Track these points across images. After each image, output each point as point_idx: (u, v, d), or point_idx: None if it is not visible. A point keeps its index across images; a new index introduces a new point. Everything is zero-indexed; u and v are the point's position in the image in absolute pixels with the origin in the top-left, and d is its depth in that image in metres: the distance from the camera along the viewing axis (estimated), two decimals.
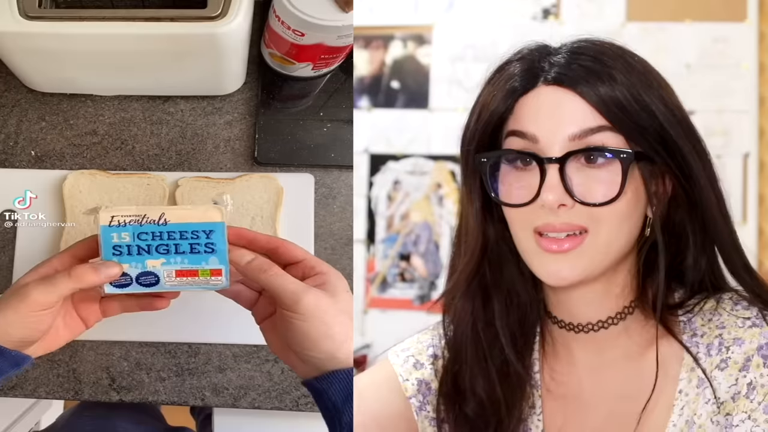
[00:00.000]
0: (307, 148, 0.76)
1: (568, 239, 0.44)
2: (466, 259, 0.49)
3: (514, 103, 0.46)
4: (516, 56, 0.47)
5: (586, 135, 0.43)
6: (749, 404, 0.42)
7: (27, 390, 0.70)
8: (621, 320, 0.48)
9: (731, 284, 0.47)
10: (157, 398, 0.71)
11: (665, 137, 0.44)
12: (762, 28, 1.12)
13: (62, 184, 0.73)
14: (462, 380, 0.50)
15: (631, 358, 0.48)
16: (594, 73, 0.43)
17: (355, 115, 1.16)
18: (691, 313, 0.47)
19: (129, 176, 0.74)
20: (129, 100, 0.79)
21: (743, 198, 1.10)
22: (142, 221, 0.52)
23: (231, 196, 0.73)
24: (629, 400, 0.47)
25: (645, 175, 0.44)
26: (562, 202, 0.43)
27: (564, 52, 0.45)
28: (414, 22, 1.19)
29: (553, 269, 0.44)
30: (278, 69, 0.78)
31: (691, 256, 0.47)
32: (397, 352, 0.54)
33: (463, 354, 0.50)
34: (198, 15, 0.63)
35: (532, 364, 0.51)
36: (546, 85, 0.45)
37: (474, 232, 0.48)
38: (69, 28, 0.63)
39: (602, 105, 0.43)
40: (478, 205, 0.48)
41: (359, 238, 1.17)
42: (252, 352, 0.72)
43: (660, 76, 0.46)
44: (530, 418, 0.50)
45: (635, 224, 0.45)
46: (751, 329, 0.44)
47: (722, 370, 0.44)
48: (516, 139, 0.45)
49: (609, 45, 0.46)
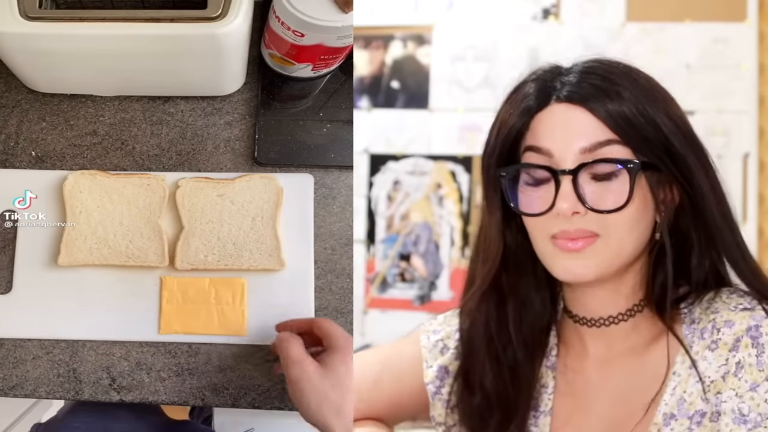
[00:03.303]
0: (307, 148, 0.76)
1: (581, 239, 0.47)
2: (488, 266, 0.52)
3: (530, 120, 0.50)
4: (531, 77, 0.51)
5: (596, 148, 0.47)
6: (737, 382, 0.45)
7: (27, 390, 0.71)
8: (631, 317, 0.51)
9: (735, 282, 0.50)
10: (157, 398, 0.71)
11: (670, 148, 0.47)
12: (762, 28, 1.12)
13: (62, 185, 0.73)
14: (473, 376, 0.54)
15: (638, 352, 0.51)
16: (602, 91, 0.47)
17: (355, 115, 1.16)
18: (692, 305, 0.50)
19: (129, 177, 0.74)
20: (129, 101, 0.79)
21: (743, 198, 1.10)
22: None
23: (231, 196, 0.74)
24: (634, 391, 0.50)
25: (652, 183, 0.48)
26: (575, 210, 0.47)
27: (575, 72, 0.49)
28: (414, 22, 1.19)
29: (569, 267, 0.48)
30: (278, 69, 0.78)
31: (695, 257, 0.50)
32: (429, 333, 0.58)
33: (476, 353, 0.54)
34: (198, 16, 0.63)
35: (547, 362, 0.54)
36: (558, 102, 0.49)
37: (495, 240, 0.52)
38: (69, 28, 0.64)
39: (610, 120, 0.47)
40: (499, 216, 0.52)
41: (359, 238, 1.17)
42: (252, 352, 0.72)
43: (665, 91, 0.50)
44: (540, 410, 0.54)
45: (644, 230, 0.49)
46: (742, 312, 0.47)
47: (712, 351, 0.47)
48: (533, 154, 0.49)
49: (617, 64, 0.50)
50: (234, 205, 0.73)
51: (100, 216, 0.73)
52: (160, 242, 0.72)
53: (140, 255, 0.72)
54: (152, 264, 0.71)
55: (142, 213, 0.73)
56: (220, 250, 0.72)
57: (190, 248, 0.72)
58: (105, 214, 0.73)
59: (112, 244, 0.72)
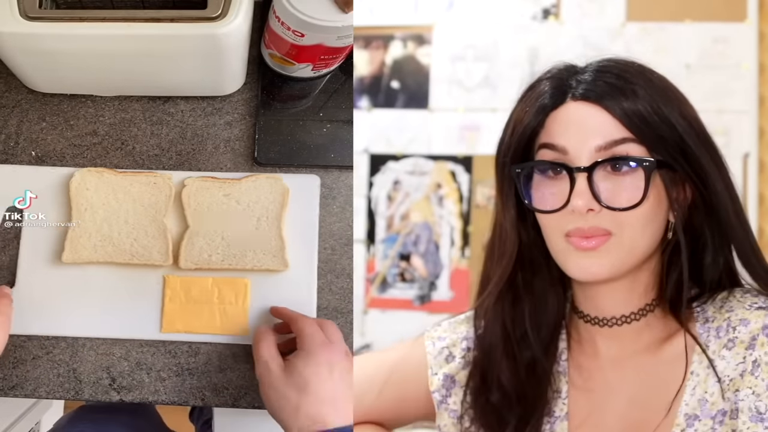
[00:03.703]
0: (307, 148, 0.76)
1: (595, 237, 0.47)
2: (504, 263, 0.52)
3: (545, 118, 0.50)
4: (546, 75, 0.51)
5: (612, 146, 0.47)
6: (754, 380, 0.46)
7: (27, 390, 0.71)
8: (643, 316, 0.51)
9: (747, 281, 0.50)
10: (157, 398, 0.71)
11: (684, 147, 0.47)
12: (762, 28, 1.12)
13: (69, 182, 0.73)
14: (491, 375, 0.54)
15: (651, 351, 0.51)
16: (618, 89, 0.47)
17: (355, 115, 1.16)
18: (705, 304, 0.50)
19: (136, 175, 0.74)
20: (129, 101, 0.79)
21: (743, 198, 1.10)
22: None
23: (237, 196, 0.74)
24: (650, 390, 0.50)
25: (666, 182, 0.48)
26: (590, 207, 0.47)
27: (590, 71, 0.49)
28: (414, 22, 1.19)
29: (583, 265, 0.48)
30: (278, 69, 0.78)
31: (709, 256, 0.50)
32: (434, 340, 0.58)
33: (493, 351, 0.54)
34: (198, 16, 0.63)
35: (559, 360, 0.55)
36: (574, 100, 0.49)
37: (510, 237, 0.52)
38: (69, 28, 0.63)
39: (626, 118, 0.47)
40: (513, 213, 0.52)
41: (359, 238, 1.17)
42: (252, 353, 0.72)
43: (678, 91, 0.50)
44: (556, 408, 0.54)
45: (658, 228, 0.49)
46: (757, 311, 0.47)
47: (729, 350, 0.47)
48: (547, 151, 0.49)
49: (631, 63, 0.50)
50: (240, 205, 0.73)
51: (105, 213, 0.73)
52: (164, 241, 0.72)
53: (144, 253, 0.72)
54: (156, 263, 0.71)
55: (147, 211, 0.73)
56: (224, 249, 0.72)
57: (194, 247, 0.72)
58: (110, 212, 0.73)
59: (116, 242, 0.72)
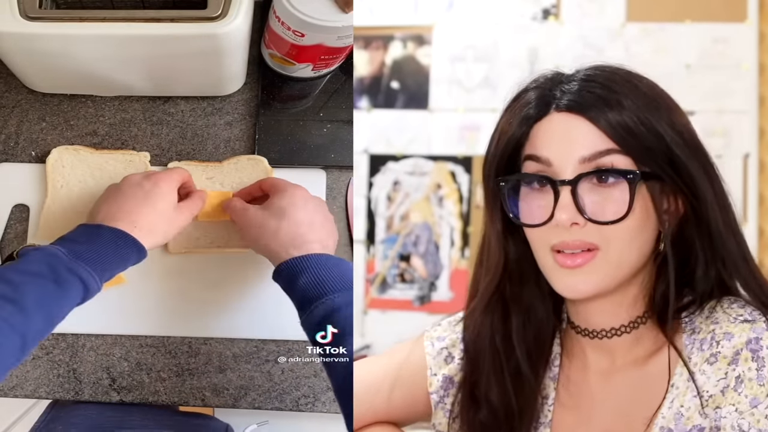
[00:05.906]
0: (307, 148, 0.76)
1: (581, 255, 0.46)
2: (489, 277, 0.52)
3: (530, 129, 0.49)
4: (531, 84, 0.50)
5: (596, 158, 0.46)
6: (737, 397, 0.44)
7: (27, 390, 0.71)
8: (634, 329, 0.50)
9: (741, 293, 0.49)
10: (157, 398, 0.71)
11: (672, 158, 0.46)
12: (762, 28, 1.12)
13: (46, 159, 0.73)
14: (478, 390, 0.53)
15: (639, 364, 0.50)
16: (603, 100, 0.46)
17: (355, 116, 1.16)
18: (693, 314, 0.49)
19: (112, 153, 0.75)
20: (129, 101, 0.79)
21: (743, 198, 1.10)
22: None
23: (220, 179, 0.74)
24: (635, 403, 0.49)
25: (654, 194, 0.47)
26: (574, 221, 0.46)
27: (576, 80, 0.48)
28: (414, 23, 1.19)
29: (569, 283, 0.47)
30: (278, 69, 0.78)
31: (701, 268, 0.49)
32: (433, 340, 0.57)
33: (481, 365, 0.53)
34: (198, 16, 0.63)
35: (549, 373, 0.54)
36: (558, 111, 0.48)
37: (496, 251, 0.51)
38: (69, 28, 0.64)
39: (611, 129, 0.46)
40: (500, 226, 0.51)
41: (359, 238, 1.17)
42: (252, 353, 0.72)
43: (668, 98, 0.48)
44: (541, 415, 0.53)
45: (646, 241, 0.48)
46: (741, 324, 0.46)
47: (711, 364, 0.46)
48: (532, 163, 0.48)
49: (618, 71, 0.49)
50: (224, 188, 0.74)
51: (80, 191, 0.73)
52: None
53: None
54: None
55: None
56: (212, 232, 0.72)
57: (183, 231, 0.72)
58: (86, 190, 0.73)
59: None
